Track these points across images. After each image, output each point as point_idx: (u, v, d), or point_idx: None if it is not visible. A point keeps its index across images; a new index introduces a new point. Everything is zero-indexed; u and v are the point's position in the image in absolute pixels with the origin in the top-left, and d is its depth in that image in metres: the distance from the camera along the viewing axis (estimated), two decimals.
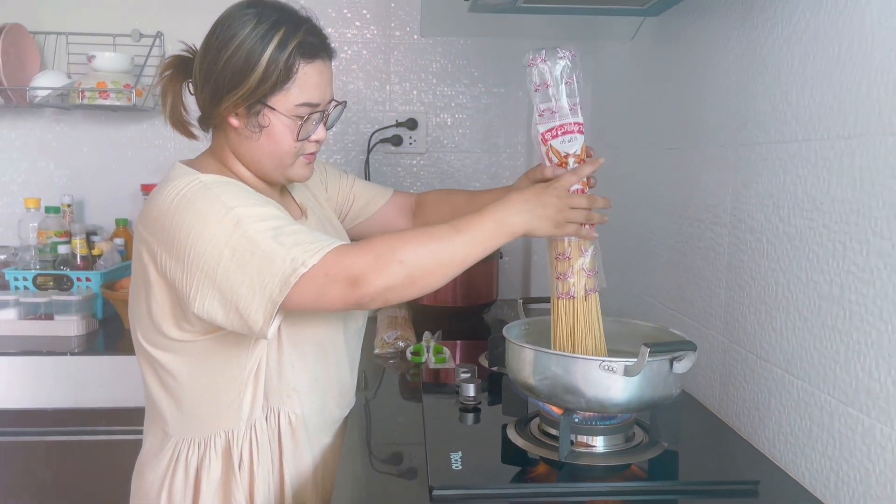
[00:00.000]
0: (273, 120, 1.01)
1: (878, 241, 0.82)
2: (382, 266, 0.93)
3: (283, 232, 0.94)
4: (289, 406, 1.09)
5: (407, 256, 0.94)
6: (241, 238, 0.92)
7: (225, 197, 0.95)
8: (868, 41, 0.84)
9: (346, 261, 0.93)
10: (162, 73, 1.07)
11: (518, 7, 1.42)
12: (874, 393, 0.83)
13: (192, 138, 1.11)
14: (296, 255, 0.91)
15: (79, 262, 1.93)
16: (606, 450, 1.04)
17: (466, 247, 0.97)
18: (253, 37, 0.97)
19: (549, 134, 1.05)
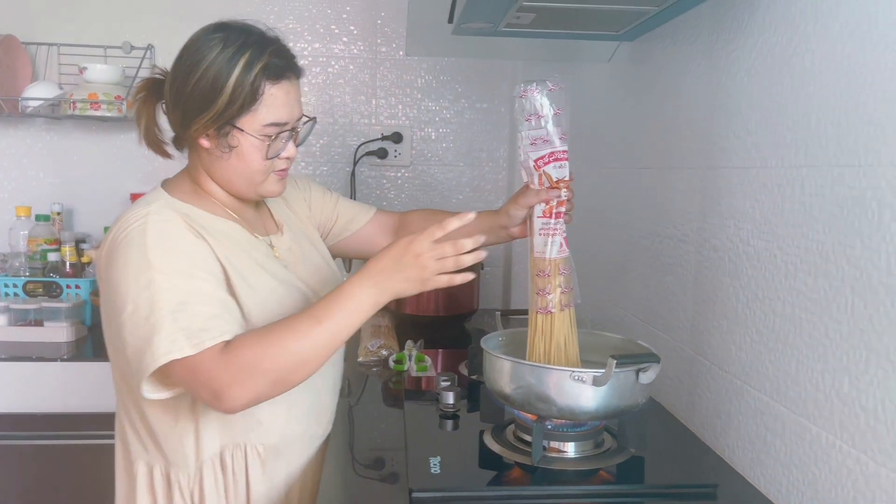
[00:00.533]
0: (242, 140, 1.04)
1: (824, 264, 0.89)
2: (246, 379, 0.94)
3: (185, 308, 0.95)
4: (255, 438, 1.09)
5: (270, 365, 0.95)
6: (145, 300, 0.95)
7: (153, 251, 0.97)
8: (817, 79, 0.91)
9: (212, 373, 0.93)
10: (136, 96, 1.10)
11: (499, 31, 1.49)
12: (820, 404, 0.90)
13: (167, 157, 1.14)
14: (178, 338, 0.93)
15: (68, 269, 1.97)
16: (577, 455, 1.11)
17: (330, 335, 0.98)
18: (219, 60, 1.01)
19: (541, 161, 1.11)
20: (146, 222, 1.00)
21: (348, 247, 1.38)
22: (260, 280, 1.08)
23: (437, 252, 0.97)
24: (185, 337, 0.93)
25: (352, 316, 0.98)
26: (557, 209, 1.12)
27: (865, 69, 0.82)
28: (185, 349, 0.92)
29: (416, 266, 0.97)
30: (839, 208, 0.86)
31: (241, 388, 0.94)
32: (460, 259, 0.98)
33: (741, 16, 1.11)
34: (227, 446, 1.08)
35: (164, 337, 0.93)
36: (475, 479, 1.07)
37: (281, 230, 1.21)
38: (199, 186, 1.11)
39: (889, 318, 0.77)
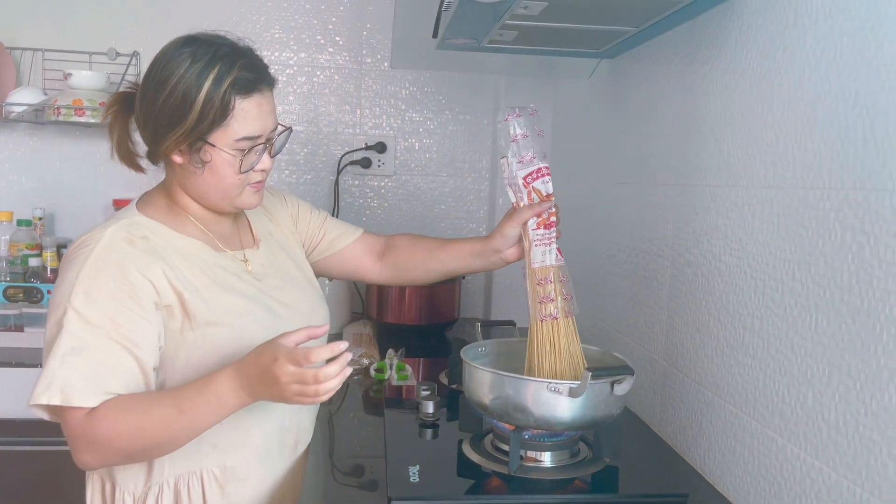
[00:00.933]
0: (214, 156, 1.03)
1: (790, 282, 0.92)
2: (97, 451, 0.96)
3: (78, 355, 0.95)
4: (210, 463, 1.08)
5: (122, 445, 0.96)
6: (52, 335, 0.97)
7: (79, 288, 0.97)
8: (785, 105, 0.95)
9: (72, 430, 0.95)
10: (107, 111, 1.10)
11: (482, 47, 1.53)
12: (786, 416, 0.93)
13: (140, 171, 1.12)
14: (52, 383, 0.94)
15: (49, 274, 1.97)
16: (553, 464, 1.13)
17: (190, 427, 0.98)
18: (188, 76, 0.99)
19: (530, 178, 1.17)
20: (93, 251, 0.99)
21: (333, 266, 1.37)
22: (221, 300, 1.07)
23: (298, 378, 0.93)
24: (60, 388, 0.94)
25: (215, 412, 0.98)
26: (549, 220, 1.18)
27: (829, 97, 0.86)
28: (55, 398, 0.94)
29: (276, 386, 0.94)
30: (804, 228, 0.90)
31: (91, 456, 0.97)
32: (321, 388, 0.93)
33: (715, 39, 1.15)
34: (181, 475, 1.07)
35: (45, 378, 0.95)
36: (454, 488, 1.09)
37: (257, 244, 1.20)
38: (173, 201, 1.11)
39: (850, 336, 0.81)
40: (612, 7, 1.21)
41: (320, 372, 0.93)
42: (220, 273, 1.10)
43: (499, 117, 1.18)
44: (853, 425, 0.81)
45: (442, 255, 1.34)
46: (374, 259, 1.38)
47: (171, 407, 0.97)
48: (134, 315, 0.99)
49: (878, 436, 0.77)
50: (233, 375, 0.97)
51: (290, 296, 1.18)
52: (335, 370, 0.94)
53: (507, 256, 1.26)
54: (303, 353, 0.92)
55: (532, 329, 1.17)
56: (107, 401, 0.96)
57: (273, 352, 0.94)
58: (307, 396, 0.94)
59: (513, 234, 1.22)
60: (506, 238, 1.23)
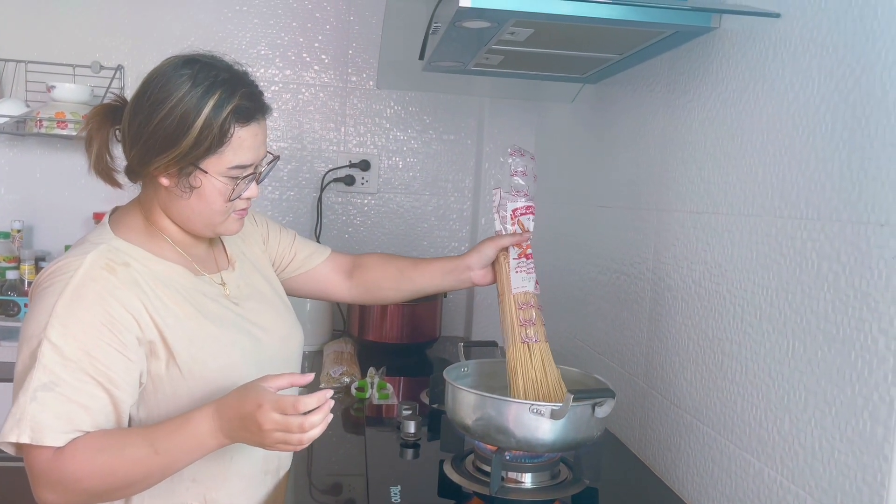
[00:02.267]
0: (204, 182, 1.01)
1: (768, 308, 0.94)
2: (62, 491, 0.92)
3: (50, 390, 0.91)
4: (190, 497, 1.05)
5: (91, 484, 0.92)
6: (24, 369, 0.93)
7: (56, 319, 0.93)
8: (764, 135, 0.97)
9: (36, 469, 0.91)
10: (88, 122, 1.05)
11: (468, 70, 1.55)
12: (763, 440, 0.95)
13: (117, 187, 1.08)
14: (22, 419, 0.90)
15: (26, 287, 1.94)
16: (534, 486, 1.14)
17: (164, 467, 0.95)
18: (188, 99, 0.97)
19: (518, 211, 1.25)
20: (71, 279, 0.96)
21: (303, 285, 1.36)
22: (203, 332, 1.04)
23: (283, 426, 0.91)
24: (30, 425, 0.90)
25: (192, 453, 0.95)
26: (527, 251, 1.24)
27: (806, 130, 0.88)
28: (23, 437, 0.90)
29: (258, 433, 0.92)
30: (782, 257, 0.92)
31: (55, 496, 0.92)
32: (304, 437, 0.92)
33: (696, 70, 1.17)
34: None
35: (14, 414, 0.91)
36: None
37: (233, 266, 1.18)
38: (150, 222, 1.07)
39: (826, 362, 0.83)
40: (597, 35, 1.24)
41: (305, 421, 0.91)
42: (201, 299, 1.06)
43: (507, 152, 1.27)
44: (829, 450, 0.82)
45: (413, 274, 1.35)
46: (343, 278, 1.38)
47: (145, 447, 0.93)
48: (112, 350, 0.95)
49: (853, 461, 0.78)
50: (212, 416, 0.94)
51: (268, 319, 1.16)
52: (319, 419, 0.92)
53: (476, 277, 1.30)
54: (290, 401, 0.90)
55: (511, 352, 1.19)
56: (76, 439, 0.92)
57: (257, 398, 0.91)
58: (289, 444, 0.92)
59: (489, 254, 1.27)
60: (482, 257, 1.27)
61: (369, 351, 2.03)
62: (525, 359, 1.17)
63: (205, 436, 0.94)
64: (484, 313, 2.27)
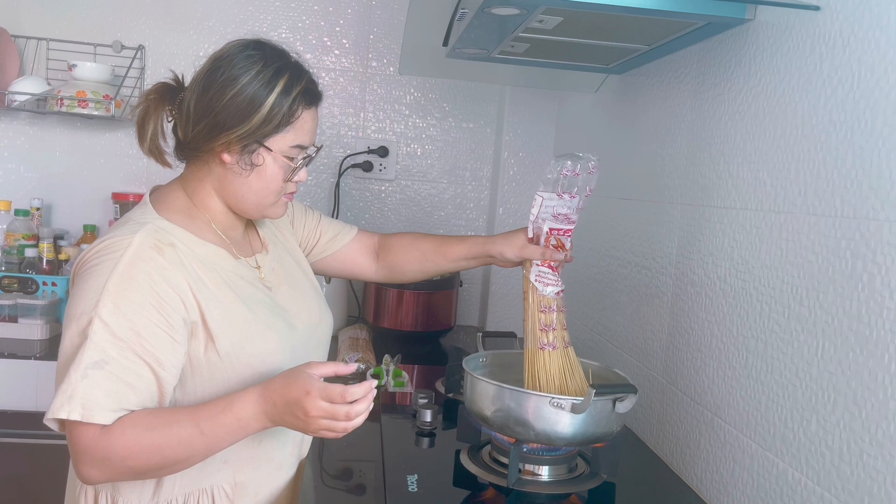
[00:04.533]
0: (267, 159, 1.05)
1: (797, 307, 0.93)
2: (108, 468, 0.93)
3: (100, 369, 0.92)
4: (221, 479, 1.06)
5: (137, 462, 0.94)
6: (76, 342, 0.94)
7: (107, 299, 0.94)
8: (798, 130, 0.95)
9: (83, 446, 0.92)
10: (145, 99, 1.06)
11: (492, 57, 1.53)
12: (788, 440, 0.94)
13: (167, 166, 1.10)
14: (73, 397, 0.91)
15: (45, 265, 1.95)
16: (551, 479, 1.13)
17: (208, 448, 0.96)
18: (259, 79, 1.01)
19: (556, 231, 1.17)
20: (121, 259, 0.96)
21: (329, 266, 1.37)
22: (242, 316, 1.05)
23: (329, 414, 0.93)
24: (80, 402, 0.91)
25: (235, 434, 0.97)
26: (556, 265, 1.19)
27: (845, 126, 0.86)
28: (74, 414, 0.91)
29: (304, 420, 0.94)
30: (814, 255, 0.90)
31: (97, 471, 0.93)
32: (349, 425, 0.95)
33: (728, 62, 1.15)
34: (191, 492, 1.05)
35: (65, 391, 0.91)
36: (452, 499, 1.09)
37: (266, 249, 1.19)
38: (194, 203, 1.09)
39: (857, 364, 0.81)
40: (626, 25, 1.22)
41: (351, 409, 0.93)
42: (239, 283, 1.08)
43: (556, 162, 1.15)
44: (857, 453, 0.81)
45: (437, 257, 1.35)
46: (370, 258, 1.39)
47: (190, 427, 0.94)
48: (160, 331, 0.96)
49: (882, 465, 0.77)
50: (256, 399, 0.95)
51: (300, 304, 1.17)
52: (364, 408, 0.95)
53: (497, 264, 1.29)
54: (338, 391, 0.93)
55: (529, 354, 1.16)
56: (123, 417, 0.93)
57: (304, 385, 0.93)
58: (333, 432, 0.95)
59: (510, 259, 1.25)
60: (505, 258, 1.25)
61: (384, 338, 2.02)
62: (539, 364, 1.15)
63: (249, 419, 0.95)
64: (499, 303, 2.26)
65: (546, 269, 1.17)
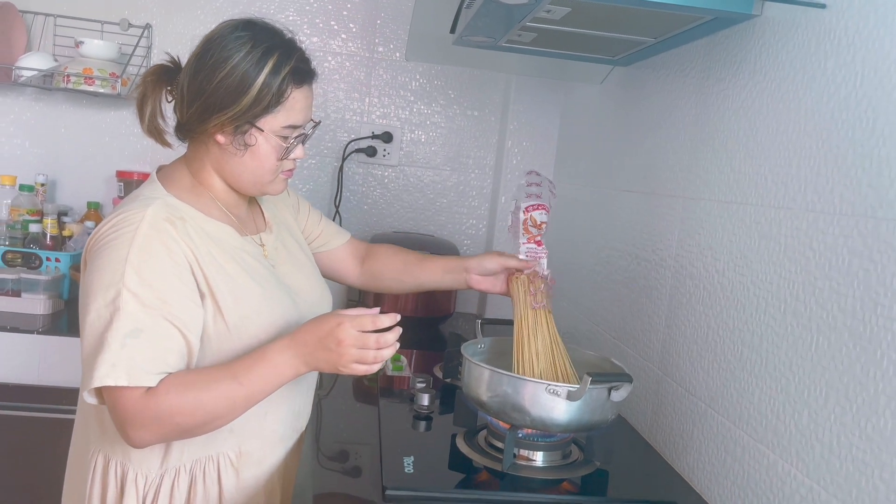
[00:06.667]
0: (259, 139, 1.06)
1: (793, 302, 0.94)
2: (156, 427, 0.96)
3: (137, 336, 0.95)
4: (227, 448, 1.09)
5: (182, 420, 0.97)
6: (105, 317, 0.95)
7: (130, 268, 0.96)
8: (801, 127, 0.96)
9: (129, 411, 0.95)
10: (144, 80, 1.08)
11: (499, 46, 1.53)
12: (780, 433, 0.95)
13: (167, 146, 1.12)
14: (116, 365, 0.93)
15: (48, 241, 1.96)
16: (545, 464, 1.15)
17: (247, 397, 1.00)
18: (248, 60, 1.02)
19: (531, 208, 1.29)
20: (137, 231, 0.98)
21: (319, 263, 1.39)
22: (249, 291, 1.07)
23: (360, 342, 0.98)
24: (125, 369, 0.94)
25: (271, 381, 1.00)
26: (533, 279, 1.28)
27: (846, 124, 0.87)
28: (121, 380, 0.93)
29: (336, 351, 0.99)
30: (812, 251, 0.91)
31: (147, 433, 0.96)
32: (380, 354, 1.00)
33: (733, 57, 1.16)
34: (198, 459, 1.07)
35: (107, 360, 0.93)
36: (447, 482, 1.11)
37: (270, 228, 1.22)
38: (197, 181, 1.11)
39: (850, 359, 0.83)
40: (633, 18, 1.22)
41: (381, 337, 0.99)
42: (246, 258, 1.10)
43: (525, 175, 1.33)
44: (846, 446, 0.83)
45: (416, 270, 1.41)
46: (356, 263, 1.46)
47: (229, 380, 0.98)
48: (184, 297, 1.00)
49: (870, 458, 0.79)
50: (287, 346, 1.00)
51: (301, 281, 1.21)
52: (393, 338, 1.01)
53: (472, 281, 1.37)
54: (368, 319, 0.99)
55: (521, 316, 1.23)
56: (164, 379, 0.96)
57: (336, 317, 0.99)
58: (363, 363, 0.99)
59: (489, 267, 1.33)
60: (481, 265, 1.33)
61: None
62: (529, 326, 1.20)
63: (281, 366, 1.00)
64: None
65: (532, 245, 1.29)
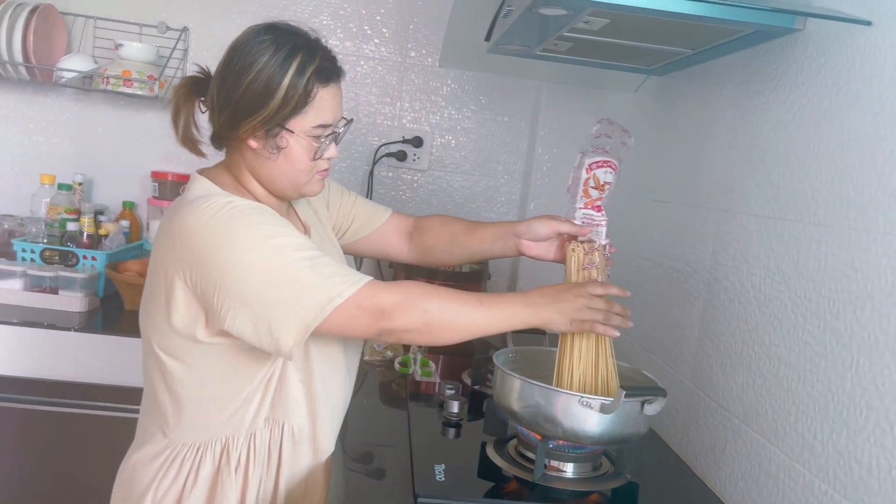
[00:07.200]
0: (290, 141, 1.07)
1: (833, 321, 0.93)
2: (408, 309, 1.02)
3: (319, 263, 1.01)
4: (293, 419, 1.12)
5: (431, 307, 1.03)
6: (280, 265, 0.99)
7: (264, 226, 1.01)
8: (843, 145, 0.95)
9: (379, 295, 1.01)
10: (176, 93, 1.10)
11: (534, 54, 1.54)
12: (816, 452, 0.94)
13: (201, 156, 1.14)
14: (332, 285, 0.99)
15: (85, 239, 2.00)
16: (575, 476, 1.15)
17: (484, 320, 1.06)
18: (272, 63, 1.02)
19: (595, 165, 1.21)
20: (239, 204, 1.03)
21: (362, 247, 1.41)
22: None
23: (594, 303, 1.08)
24: (339, 282, 0.99)
25: (505, 319, 1.07)
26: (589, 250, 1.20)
27: (892, 143, 0.86)
28: (357, 283, 1.00)
29: (572, 302, 1.08)
30: (853, 270, 0.90)
31: (401, 313, 1.02)
32: (610, 315, 1.10)
33: (774, 71, 1.15)
34: (275, 421, 1.12)
35: (320, 287, 0.98)
36: (477, 490, 1.11)
37: (308, 232, 1.23)
38: (240, 184, 1.12)
39: (892, 381, 0.82)
40: (672, 29, 1.22)
41: (612, 305, 1.10)
42: None
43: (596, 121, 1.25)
44: (886, 469, 0.82)
45: (465, 239, 1.37)
46: (403, 240, 1.42)
47: (473, 296, 1.06)
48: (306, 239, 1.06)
49: None
50: (525, 295, 1.09)
51: None
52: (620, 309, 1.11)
53: (523, 247, 1.30)
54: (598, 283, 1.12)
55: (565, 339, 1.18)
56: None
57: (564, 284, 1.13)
58: (593, 318, 1.08)
59: (540, 231, 1.27)
60: (530, 229, 1.28)
61: None
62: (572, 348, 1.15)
63: (516, 304, 1.08)
64: None
65: (590, 210, 1.21)
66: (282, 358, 1.09)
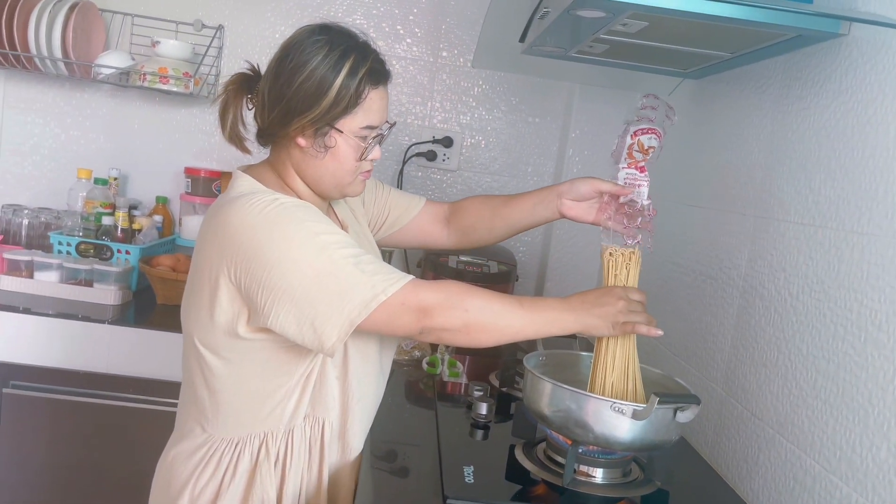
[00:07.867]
0: (339, 141, 1.08)
1: (875, 332, 0.91)
2: (449, 308, 1.02)
3: (363, 260, 1.02)
4: (332, 416, 1.14)
5: (472, 307, 1.03)
6: (325, 262, 1.00)
7: (309, 223, 1.02)
8: (889, 152, 0.93)
9: (422, 293, 1.02)
10: (226, 90, 1.11)
11: (569, 56, 1.53)
12: (855, 465, 0.92)
13: (247, 153, 1.15)
14: (376, 282, 1.00)
15: (119, 234, 2.03)
16: (605, 481, 1.14)
17: (524, 322, 1.06)
18: (325, 63, 1.04)
19: (639, 132, 1.19)
20: (284, 202, 1.04)
21: (401, 238, 1.42)
22: None
23: (633, 305, 1.09)
24: (383, 279, 1.00)
25: (545, 323, 1.07)
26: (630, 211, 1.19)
27: None
28: (403, 280, 1.01)
29: (613, 305, 1.07)
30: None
31: (442, 312, 1.02)
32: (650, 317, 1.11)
33: (816, 76, 1.13)
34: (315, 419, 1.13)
35: (365, 284, 0.99)
36: (506, 492, 1.11)
37: (346, 230, 1.24)
38: (284, 182, 1.14)
39: None
40: (712, 32, 1.20)
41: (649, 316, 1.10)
42: None
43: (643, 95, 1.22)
44: None
45: (504, 210, 1.36)
46: (441, 226, 1.42)
47: (513, 299, 1.07)
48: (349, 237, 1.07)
49: None
50: (565, 300, 1.09)
51: None
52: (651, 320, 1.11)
53: (564, 208, 1.29)
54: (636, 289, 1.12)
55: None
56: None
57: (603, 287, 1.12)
58: (633, 320, 1.08)
59: (582, 190, 1.26)
60: (574, 190, 1.27)
61: None
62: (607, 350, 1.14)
63: (556, 309, 1.08)
64: None
65: (632, 170, 1.19)
66: (321, 355, 1.09)
